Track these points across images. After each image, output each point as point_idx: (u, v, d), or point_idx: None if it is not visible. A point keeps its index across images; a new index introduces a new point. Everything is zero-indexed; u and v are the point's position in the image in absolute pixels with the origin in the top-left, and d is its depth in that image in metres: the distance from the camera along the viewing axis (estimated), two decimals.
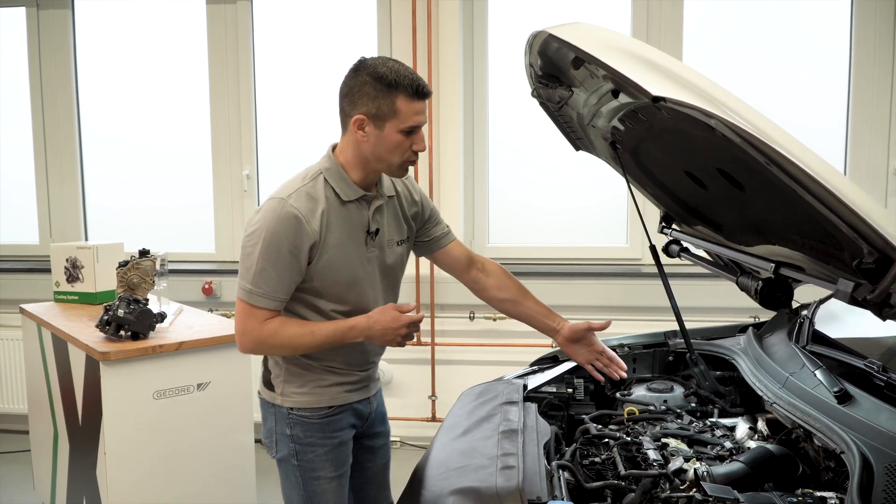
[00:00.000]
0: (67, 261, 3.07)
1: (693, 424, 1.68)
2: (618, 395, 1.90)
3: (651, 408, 1.81)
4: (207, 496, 2.45)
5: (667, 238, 2.13)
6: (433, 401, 3.78)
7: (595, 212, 3.79)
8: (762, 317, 2.64)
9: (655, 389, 1.90)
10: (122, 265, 2.70)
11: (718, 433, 1.62)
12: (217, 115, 3.96)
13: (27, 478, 3.29)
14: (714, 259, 2.12)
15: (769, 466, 1.36)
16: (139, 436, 2.32)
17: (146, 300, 2.50)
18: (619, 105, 1.48)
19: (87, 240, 4.21)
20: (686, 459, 1.44)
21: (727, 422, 1.69)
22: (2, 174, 4.30)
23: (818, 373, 1.48)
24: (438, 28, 3.63)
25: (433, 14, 3.60)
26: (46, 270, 3.22)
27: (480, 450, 1.51)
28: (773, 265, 1.43)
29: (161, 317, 2.46)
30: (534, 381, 1.95)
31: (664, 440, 1.57)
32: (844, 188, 1.00)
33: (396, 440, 3.75)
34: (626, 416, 1.77)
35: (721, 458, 1.47)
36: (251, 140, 3.95)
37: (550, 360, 2.15)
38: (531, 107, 1.90)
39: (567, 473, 1.41)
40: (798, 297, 1.76)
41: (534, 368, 2.12)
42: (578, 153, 2.14)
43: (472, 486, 1.35)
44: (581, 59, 1.35)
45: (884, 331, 1.67)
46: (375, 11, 3.74)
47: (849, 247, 1.14)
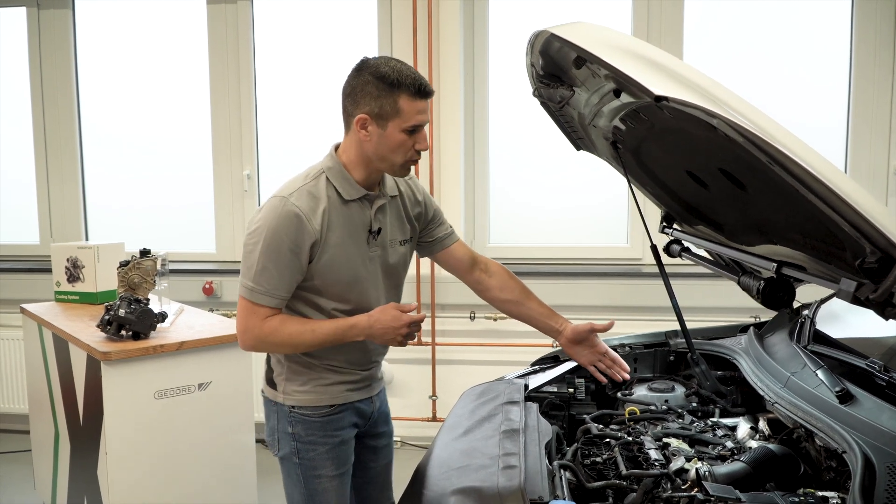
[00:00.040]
0: (68, 261, 3.07)
1: (694, 424, 1.68)
2: (619, 395, 1.90)
3: (652, 407, 1.81)
4: (208, 496, 2.45)
5: (668, 238, 2.13)
6: (434, 401, 3.78)
7: (595, 212, 3.79)
8: (763, 316, 2.64)
9: (656, 389, 1.90)
10: (123, 265, 2.71)
11: (720, 433, 1.61)
12: (218, 115, 3.96)
13: (28, 478, 3.30)
14: (715, 259, 2.12)
15: (771, 466, 1.36)
16: (140, 435, 2.32)
17: (147, 300, 2.50)
18: (621, 105, 1.48)
19: (88, 240, 4.21)
20: (687, 459, 1.44)
21: (728, 421, 1.68)
22: (2, 174, 4.29)
23: (819, 372, 1.48)
24: (439, 28, 3.63)
25: (434, 14, 3.60)
26: (47, 270, 3.22)
27: (482, 449, 1.51)
28: (775, 265, 1.43)
29: (162, 317, 2.46)
30: (535, 381, 1.95)
31: (665, 440, 1.57)
32: (847, 187, 1.00)
33: (397, 440, 3.74)
34: (628, 416, 1.77)
35: (722, 458, 1.47)
36: (252, 140, 3.95)
37: (551, 360, 2.15)
38: (531, 107, 1.90)
39: (569, 473, 1.41)
40: (799, 297, 1.76)
41: (535, 368, 2.12)
42: (579, 153, 2.14)
43: (474, 486, 1.35)
44: (583, 59, 1.35)
45: (885, 331, 1.67)
46: (376, 11, 3.74)
47: (851, 246, 1.14)
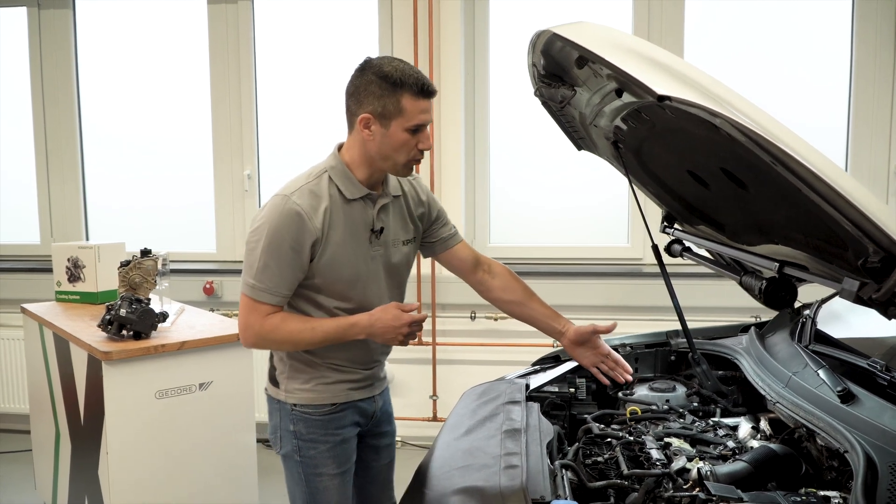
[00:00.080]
0: (69, 260, 3.07)
1: (695, 424, 1.68)
2: (620, 395, 1.90)
3: (653, 407, 1.81)
4: (210, 496, 2.46)
5: (669, 238, 2.13)
6: (434, 400, 3.78)
7: (596, 212, 3.79)
8: (763, 316, 2.64)
9: (657, 389, 1.90)
10: (124, 265, 2.71)
11: (721, 433, 1.61)
12: (218, 115, 3.96)
13: (28, 477, 3.29)
14: (716, 258, 2.12)
15: (773, 466, 1.36)
16: (141, 435, 2.32)
17: (148, 300, 2.50)
18: (623, 104, 1.48)
19: (88, 240, 4.21)
20: (689, 459, 1.44)
21: (730, 421, 1.68)
22: (2, 174, 4.29)
23: (821, 372, 1.48)
24: (440, 28, 3.63)
25: (434, 14, 3.60)
26: (48, 270, 3.22)
27: (484, 449, 1.51)
28: (777, 264, 1.43)
29: (163, 316, 2.46)
30: (536, 381, 1.95)
31: (667, 440, 1.57)
32: (850, 187, 1.00)
33: (398, 440, 3.74)
34: (629, 416, 1.77)
35: (724, 458, 1.47)
36: (252, 140, 3.95)
37: (552, 360, 2.15)
38: (531, 107, 1.90)
39: (570, 473, 1.41)
40: (799, 297, 1.76)
41: (535, 368, 2.12)
42: (579, 153, 2.14)
43: (476, 486, 1.35)
44: (585, 59, 1.35)
45: (886, 330, 1.67)
46: (377, 11, 3.73)
47: (853, 246, 1.14)
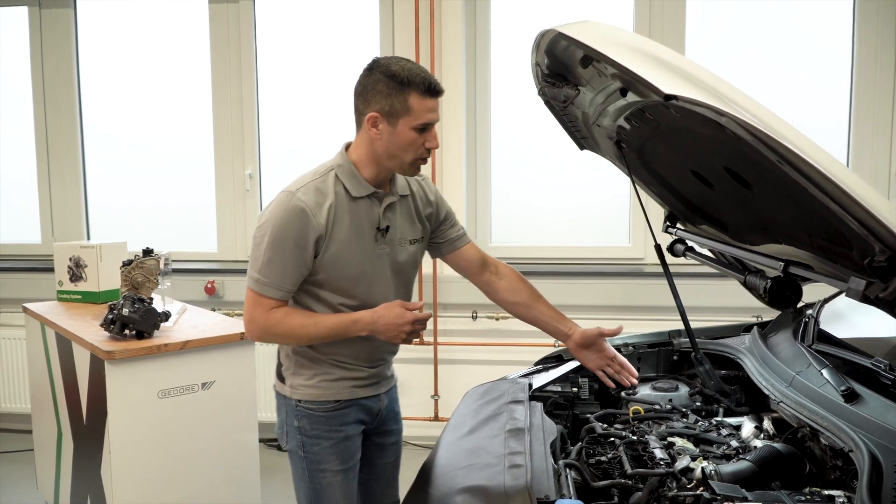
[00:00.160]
0: (71, 260, 3.07)
1: (698, 423, 1.68)
2: (623, 395, 1.90)
3: (656, 407, 1.81)
4: (212, 495, 2.46)
5: (671, 237, 2.13)
6: (436, 400, 3.78)
7: (597, 212, 3.79)
8: (765, 316, 2.64)
9: (660, 388, 1.90)
10: (127, 264, 2.71)
11: (724, 432, 1.62)
12: (219, 115, 3.96)
13: (30, 477, 3.29)
14: (718, 258, 2.12)
15: (777, 465, 1.36)
16: (144, 435, 2.32)
17: (150, 299, 2.50)
18: (627, 104, 1.48)
19: (89, 239, 4.21)
20: (693, 458, 1.44)
21: (732, 421, 1.69)
22: (3, 173, 4.29)
23: (825, 372, 1.48)
24: (441, 28, 3.63)
25: (436, 14, 3.60)
26: (49, 270, 3.22)
27: (487, 448, 1.51)
28: (782, 264, 1.43)
29: (165, 316, 2.46)
30: (538, 381, 1.95)
31: (670, 439, 1.57)
32: (856, 186, 1.00)
33: None
34: (632, 416, 1.77)
35: (727, 458, 1.47)
36: (254, 139, 3.95)
37: (555, 360, 2.15)
38: (532, 107, 1.90)
39: (574, 472, 1.41)
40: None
41: (538, 368, 2.12)
42: (580, 153, 2.14)
43: (480, 485, 1.35)
44: (590, 58, 1.35)
45: (889, 330, 1.67)
46: (378, 11, 3.73)
47: (859, 245, 1.14)
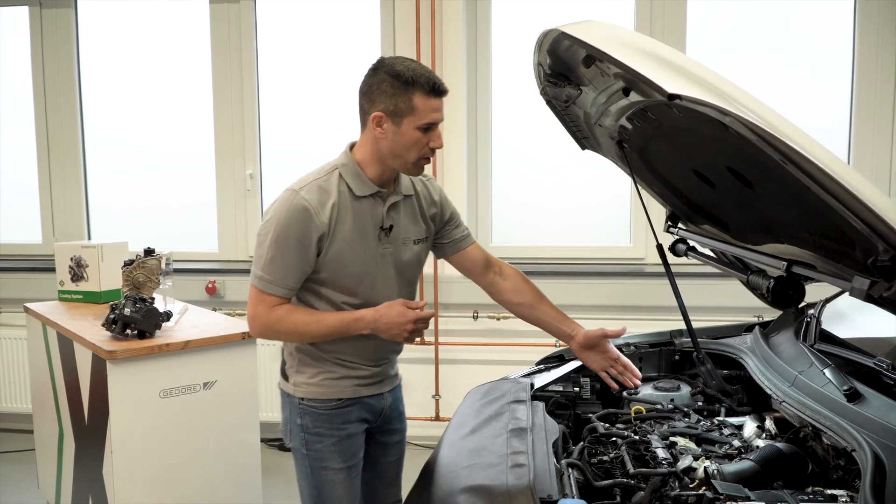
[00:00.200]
0: (72, 260, 3.07)
1: (700, 423, 1.68)
2: (624, 394, 1.90)
3: (658, 406, 1.81)
4: (213, 495, 2.45)
5: (673, 237, 2.13)
6: (437, 400, 3.78)
7: (597, 211, 3.79)
8: (766, 316, 2.64)
9: (662, 388, 1.90)
10: (128, 264, 2.70)
11: (726, 432, 1.62)
12: (220, 115, 3.96)
13: (31, 477, 3.29)
14: (719, 257, 2.12)
15: (779, 465, 1.36)
16: (146, 435, 2.32)
17: (152, 299, 2.50)
18: (629, 103, 1.48)
19: (90, 239, 4.20)
20: (695, 458, 1.44)
21: (734, 420, 1.69)
22: (4, 173, 4.29)
23: (827, 371, 1.48)
24: (442, 28, 3.63)
25: (437, 14, 3.60)
26: (50, 269, 3.22)
27: (490, 448, 1.51)
28: (785, 263, 1.43)
29: (167, 315, 2.46)
30: (540, 380, 1.95)
31: (672, 439, 1.57)
32: (860, 185, 1.00)
33: None
34: (633, 415, 1.77)
35: (729, 457, 1.47)
36: (254, 139, 3.95)
37: (556, 359, 2.15)
38: (533, 107, 1.90)
39: (577, 472, 1.42)
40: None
41: (539, 367, 2.13)
42: (581, 153, 2.14)
43: (483, 484, 1.35)
44: (593, 57, 1.35)
45: (891, 330, 1.67)
46: (379, 11, 3.73)
47: (862, 244, 1.14)
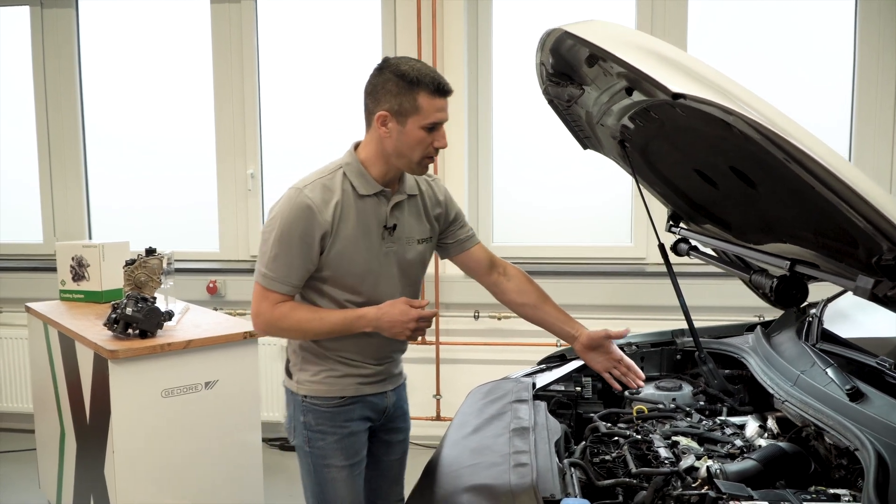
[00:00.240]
0: (73, 259, 3.07)
1: (702, 423, 1.68)
2: (626, 394, 1.90)
3: (660, 406, 1.81)
4: (215, 494, 2.45)
5: (675, 237, 2.13)
6: (438, 400, 3.78)
7: (599, 211, 3.79)
8: (767, 316, 2.64)
9: (664, 388, 1.90)
10: (130, 263, 2.70)
11: (728, 431, 1.62)
12: (221, 115, 3.96)
13: (32, 476, 3.29)
14: (721, 257, 2.12)
15: (782, 464, 1.36)
16: (147, 434, 2.32)
17: (153, 298, 2.50)
18: (632, 103, 1.48)
19: (91, 239, 4.20)
20: (697, 457, 1.44)
21: (736, 420, 1.69)
22: (5, 173, 4.29)
23: (829, 371, 1.48)
24: (443, 28, 3.63)
25: (438, 14, 3.60)
26: (51, 269, 3.22)
27: (492, 447, 1.51)
28: (788, 263, 1.43)
29: (169, 315, 2.46)
30: (542, 380, 1.95)
31: (674, 438, 1.57)
32: (863, 184, 1.00)
33: None
34: (635, 415, 1.77)
35: (732, 456, 1.47)
36: (255, 139, 3.95)
37: (558, 359, 2.15)
38: (534, 106, 1.90)
39: (579, 471, 1.42)
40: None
41: (541, 367, 2.12)
42: (583, 152, 2.14)
43: (486, 484, 1.35)
44: (596, 57, 1.35)
45: (893, 329, 1.67)
46: (380, 11, 3.73)
47: (865, 243, 1.14)
